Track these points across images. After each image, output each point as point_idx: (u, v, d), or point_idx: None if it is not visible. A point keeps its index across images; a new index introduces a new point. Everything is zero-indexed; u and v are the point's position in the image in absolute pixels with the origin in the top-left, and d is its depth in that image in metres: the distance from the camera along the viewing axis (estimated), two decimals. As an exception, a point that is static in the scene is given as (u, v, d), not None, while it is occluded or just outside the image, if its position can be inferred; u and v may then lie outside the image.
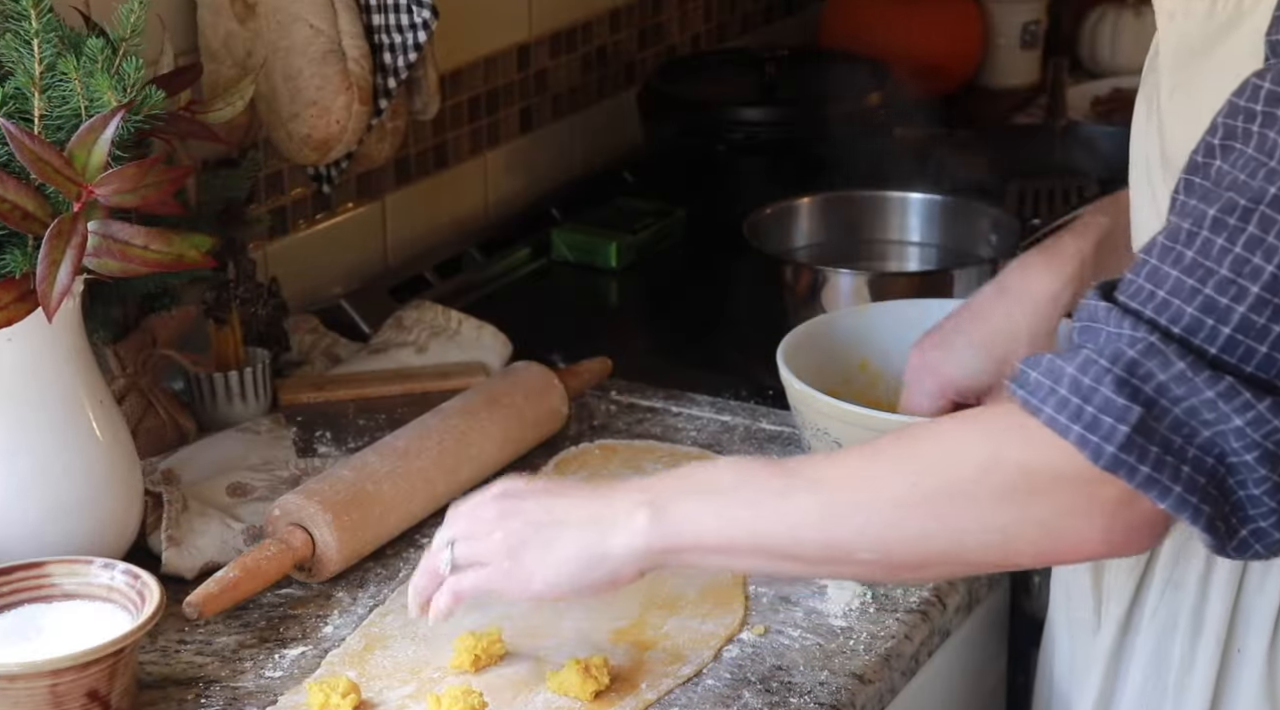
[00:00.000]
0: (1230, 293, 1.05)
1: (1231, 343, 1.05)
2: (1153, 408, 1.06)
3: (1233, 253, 1.04)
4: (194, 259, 1.35)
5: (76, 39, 1.38)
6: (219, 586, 1.39)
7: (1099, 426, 1.06)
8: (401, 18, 1.73)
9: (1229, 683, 1.31)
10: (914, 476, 1.15)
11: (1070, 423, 1.07)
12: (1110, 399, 1.06)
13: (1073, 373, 1.07)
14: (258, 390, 1.73)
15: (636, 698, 1.32)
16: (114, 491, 1.43)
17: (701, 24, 2.65)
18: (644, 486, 1.24)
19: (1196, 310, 1.06)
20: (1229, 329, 1.05)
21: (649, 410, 1.76)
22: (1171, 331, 1.06)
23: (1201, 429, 1.06)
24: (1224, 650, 1.30)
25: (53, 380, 1.39)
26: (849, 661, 1.37)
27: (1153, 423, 1.05)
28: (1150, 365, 1.06)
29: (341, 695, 1.29)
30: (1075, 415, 1.07)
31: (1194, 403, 1.05)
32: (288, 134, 1.75)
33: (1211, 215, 1.05)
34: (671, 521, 1.20)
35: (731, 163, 2.24)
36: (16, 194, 1.30)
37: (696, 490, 1.22)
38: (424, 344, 1.85)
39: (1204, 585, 1.30)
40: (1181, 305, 1.06)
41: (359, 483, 1.50)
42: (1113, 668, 1.37)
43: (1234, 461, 1.06)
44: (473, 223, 2.22)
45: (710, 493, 1.21)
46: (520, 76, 2.27)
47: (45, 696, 1.24)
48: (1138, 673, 1.35)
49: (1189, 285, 1.06)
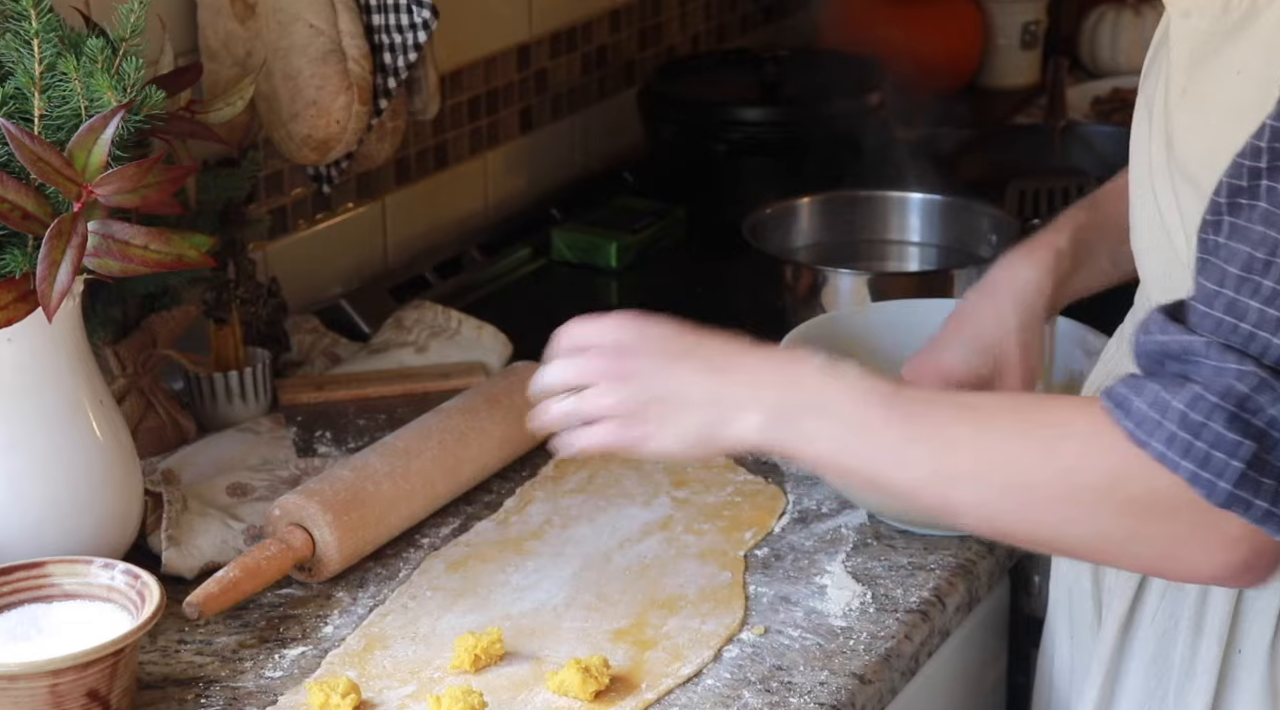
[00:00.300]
0: None
1: None
2: (1264, 440, 1.06)
3: None
4: (194, 259, 1.35)
5: (76, 39, 1.38)
6: (219, 586, 1.39)
7: (1210, 463, 1.06)
8: (401, 18, 1.73)
9: (1230, 684, 1.31)
10: (1039, 467, 1.14)
11: (1179, 458, 1.07)
12: (1221, 434, 1.06)
13: (1181, 407, 1.07)
14: (258, 390, 1.73)
15: (636, 698, 1.32)
16: (114, 491, 1.43)
17: (701, 24, 2.65)
18: (760, 380, 1.24)
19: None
20: None
21: (649, 410, 1.76)
22: (1262, 362, 1.06)
23: None
24: (1225, 651, 1.30)
25: (53, 380, 1.39)
26: (849, 661, 1.37)
27: (1265, 456, 1.06)
28: (1261, 400, 1.06)
29: (341, 695, 1.29)
30: (1184, 451, 1.07)
31: None
32: (288, 134, 1.75)
33: None
34: (786, 434, 1.22)
35: (731, 163, 2.24)
36: (16, 194, 1.30)
37: (813, 408, 1.21)
38: (424, 344, 1.86)
39: (1204, 586, 1.30)
40: (1269, 338, 1.06)
41: (359, 483, 1.50)
42: (1114, 669, 1.37)
43: None
44: (473, 223, 2.22)
45: (827, 415, 1.21)
46: (520, 76, 2.27)
47: (45, 696, 1.24)
48: (1138, 674, 1.35)
49: (1273, 316, 1.06)
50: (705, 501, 1.59)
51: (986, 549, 1.52)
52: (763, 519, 1.57)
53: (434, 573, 1.49)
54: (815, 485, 1.61)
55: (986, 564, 1.52)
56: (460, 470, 1.58)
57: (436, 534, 1.55)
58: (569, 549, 1.52)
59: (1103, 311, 1.56)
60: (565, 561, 1.50)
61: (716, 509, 1.58)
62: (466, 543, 1.54)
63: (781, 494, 1.61)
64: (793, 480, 1.63)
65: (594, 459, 1.67)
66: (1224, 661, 1.30)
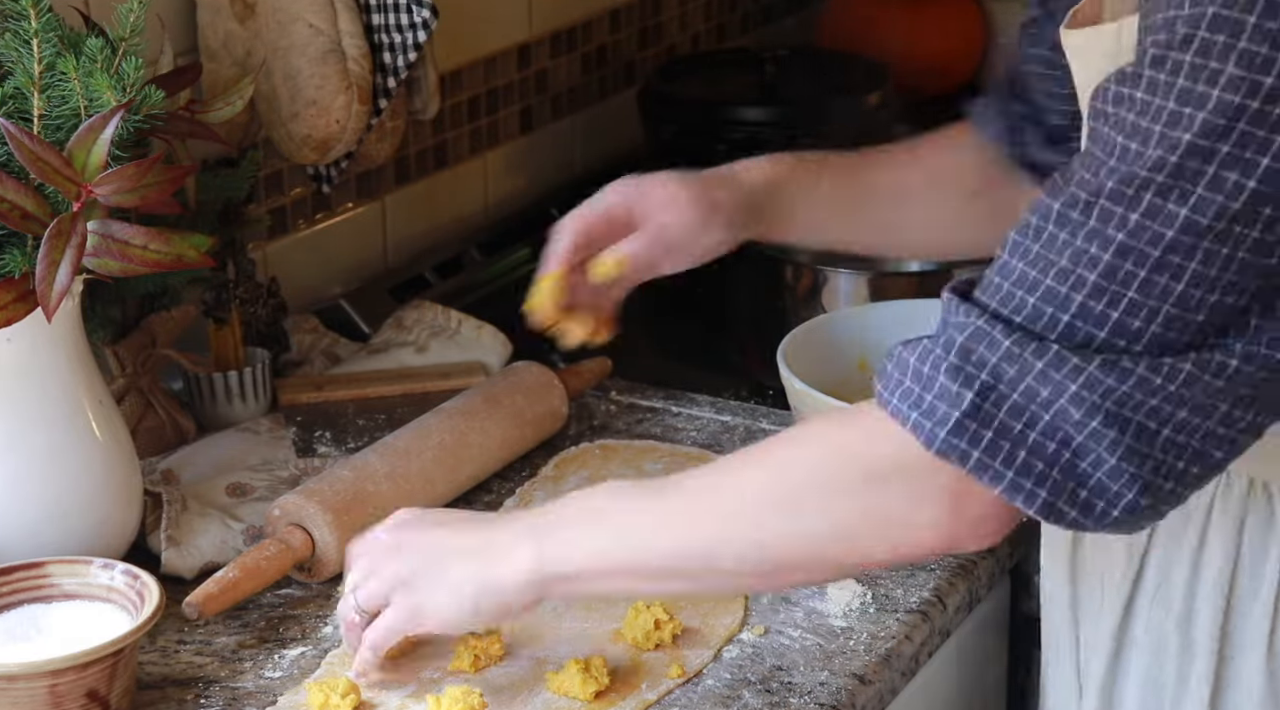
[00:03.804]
0: (1069, 282, 1.07)
1: (1070, 329, 1.07)
2: (989, 394, 1.08)
3: (1073, 245, 1.07)
4: (194, 259, 1.35)
5: (76, 39, 1.38)
6: (219, 586, 1.39)
7: (934, 413, 1.08)
8: (401, 17, 1.73)
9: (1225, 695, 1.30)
10: (765, 478, 1.18)
11: (910, 410, 1.10)
12: (945, 386, 1.08)
13: (914, 362, 1.10)
14: (257, 390, 1.73)
15: (636, 698, 1.32)
16: (113, 491, 1.43)
17: (701, 24, 2.65)
18: (526, 517, 1.26)
19: (1038, 300, 1.08)
20: (1067, 316, 1.07)
21: (649, 410, 1.76)
22: (1012, 320, 1.08)
23: (1042, 413, 1.07)
24: (1217, 662, 1.29)
25: (52, 380, 1.39)
26: (849, 661, 1.37)
27: (990, 408, 1.07)
28: (980, 349, 1.08)
29: (341, 695, 1.29)
30: (915, 404, 1.10)
31: (1029, 382, 1.07)
32: (288, 134, 1.75)
33: (1056, 209, 1.08)
34: (550, 552, 1.21)
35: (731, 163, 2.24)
36: (16, 194, 1.30)
37: (573, 518, 1.23)
38: (424, 344, 1.85)
39: (1190, 599, 1.29)
40: (1025, 295, 1.08)
41: (359, 483, 1.50)
42: (1107, 689, 1.36)
43: (1081, 440, 1.07)
44: (473, 223, 2.22)
45: (585, 520, 1.23)
46: (520, 76, 2.27)
47: (45, 696, 1.24)
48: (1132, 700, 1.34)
49: (1031, 276, 1.08)
50: (705, 501, 1.59)
51: (986, 549, 1.52)
52: (763, 519, 1.56)
53: (434, 573, 1.48)
54: (815, 485, 1.61)
55: (987, 564, 1.52)
56: (460, 470, 1.58)
57: (436, 534, 1.55)
58: (569, 549, 1.52)
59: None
60: (565, 561, 1.50)
61: (716, 509, 1.58)
62: (466, 543, 1.53)
63: (781, 494, 1.60)
64: (793, 480, 1.63)
65: (594, 459, 1.67)
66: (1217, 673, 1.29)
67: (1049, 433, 1.07)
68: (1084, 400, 1.06)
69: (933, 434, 1.08)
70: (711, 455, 1.66)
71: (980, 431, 1.07)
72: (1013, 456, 1.07)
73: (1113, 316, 1.06)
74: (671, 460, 1.66)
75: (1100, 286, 1.06)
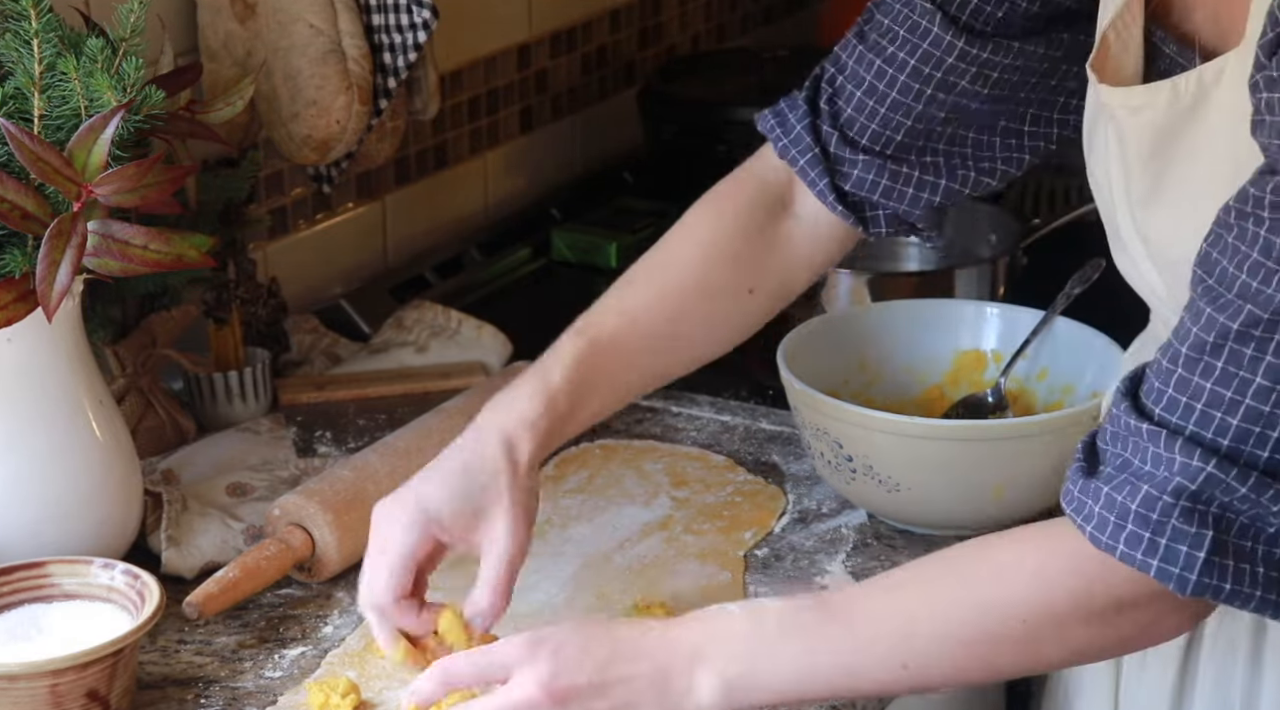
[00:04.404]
0: (1271, 399, 1.07)
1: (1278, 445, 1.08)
2: (1220, 525, 1.08)
3: (1264, 360, 1.06)
4: (194, 259, 1.35)
5: (76, 39, 1.38)
6: (219, 586, 1.39)
7: (1176, 558, 1.08)
8: (401, 18, 1.73)
9: None
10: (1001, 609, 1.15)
11: (1147, 558, 1.09)
12: (1181, 530, 1.08)
13: (1138, 509, 1.09)
14: (258, 390, 1.73)
15: (636, 698, 1.32)
16: (113, 491, 1.43)
17: (701, 24, 2.64)
18: (696, 647, 1.18)
19: (1241, 421, 1.07)
20: (1276, 433, 1.07)
21: (649, 410, 1.76)
22: (1219, 446, 1.08)
23: (1266, 527, 1.09)
24: None
25: (52, 380, 1.39)
26: (849, 661, 1.36)
27: (1223, 536, 1.08)
28: (1213, 492, 1.08)
29: (341, 695, 1.29)
30: (1150, 551, 1.09)
31: (1258, 513, 1.08)
32: (288, 134, 1.75)
33: (1235, 329, 1.07)
34: (740, 690, 1.17)
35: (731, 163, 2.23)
36: (16, 194, 1.30)
37: (752, 649, 1.18)
38: (424, 344, 1.85)
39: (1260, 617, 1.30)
40: (1225, 417, 1.08)
41: (359, 483, 1.50)
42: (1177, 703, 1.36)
43: None
44: (473, 223, 2.22)
45: (767, 649, 1.18)
46: (520, 76, 2.26)
47: (45, 696, 1.24)
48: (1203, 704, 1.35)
49: (1228, 397, 1.08)
50: (705, 501, 1.59)
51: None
52: (763, 519, 1.57)
53: (434, 573, 1.48)
54: (816, 485, 1.61)
55: (986, 564, 1.52)
56: (460, 470, 1.58)
57: (436, 534, 1.55)
58: (569, 549, 1.52)
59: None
60: (565, 561, 1.50)
61: (716, 509, 1.58)
62: (466, 543, 1.53)
63: (781, 494, 1.61)
64: (792, 480, 1.63)
65: (594, 459, 1.67)
66: None
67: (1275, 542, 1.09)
68: None
69: (1183, 579, 1.09)
70: (712, 456, 1.66)
71: (1224, 562, 1.08)
72: (1255, 576, 1.09)
73: None
74: (671, 460, 1.66)
75: None
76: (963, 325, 1.68)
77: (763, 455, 1.67)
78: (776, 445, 1.69)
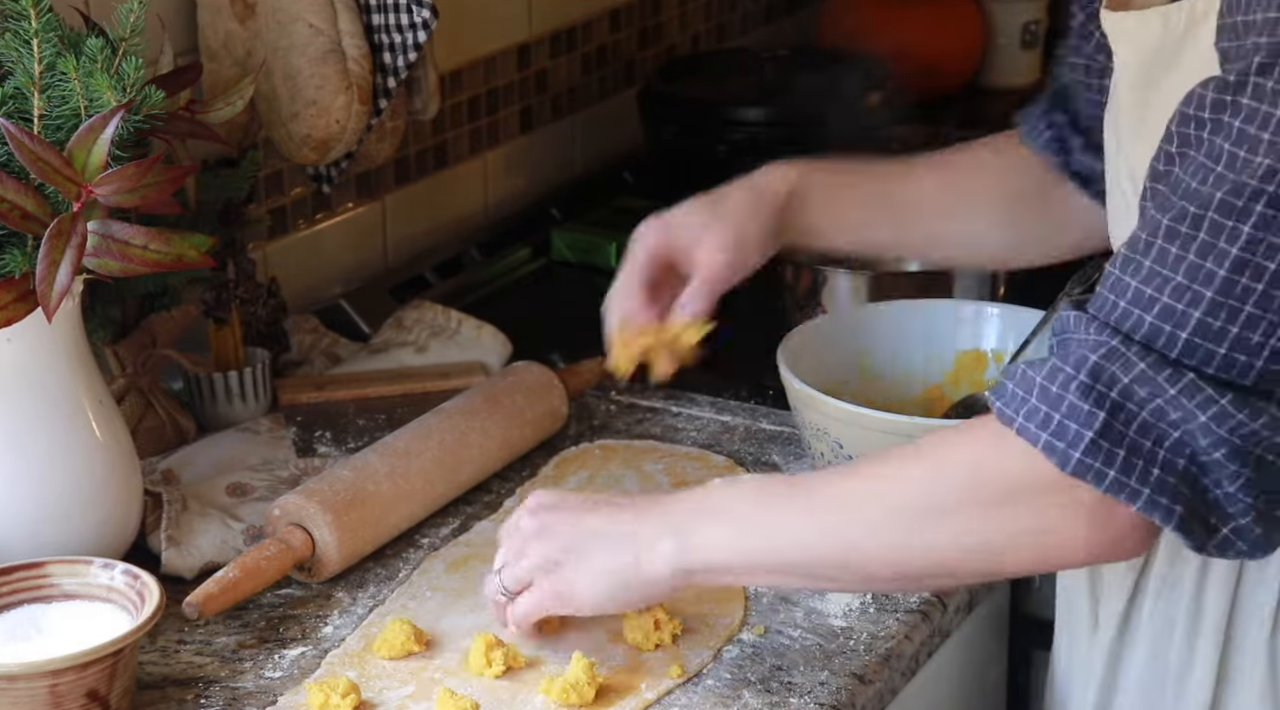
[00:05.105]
0: (1185, 298, 1.07)
1: (1190, 346, 1.08)
2: (1119, 412, 1.08)
3: (1187, 259, 1.07)
4: (194, 259, 1.35)
5: (76, 39, 1.38)
6: (219, 586, 1.39)
7: (1065, 433, 1.09)
8: (401, 17, 1.73)
9: (1230, 678, 1.31)
10: (909, 493, 1.19)
11: (1039, 430, 1.10)
12: (1075, 405, 1.09)
13: (1041, 381, 1.11)
14: (258, 390, 1.73)
15: (636, 698, 1.32)
16: (114, 491, 1.43)
17: (701, 24, 2.65)
18: (668, 506, 1.29)
19: (1155, 318, 1.08)
20: (1186, 333, 1.08)
21: (649, 410, 1.76)
22: (1132, 338, 1.09)
23: (1170, 430, 1.08)
24: (1223, 645, 1.30)
25: (52, 380, 1.39)
26: (849, 661, 1.37)
27: (1119, 427, 1.08)
28: (1113, 369, 1.08)
29: (341, 695, 1.29)
30: (1044, 423, 1.10)
31: (1159, 403, 1.08)
32: (288, 134, 1.75)
33: (1165, 224, 1.08)
34: (695, 545, 1.25)
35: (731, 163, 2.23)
36: (16, 194, 1.30)
37: (716, 514, 1.26)
38: (424, 344, 1.85)
39: (1200, 582, 1.30)
40: (1141, 314, 1.09)
41: (359, 483, 1.50)
42: (1112, 669, 1.37)
43: (1205, 460, 1.08)
44: (473, 223, 2.22)
45: (728, 516, 1.25)
46: (520, 76, 2.27)
47: (45, 696, 1.24)
48: (1137, 673, 1.35)
49: (1147, 294, 1.09)
50: (705, 501, 1.59)
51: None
52: (763, 519, 1.56)
53: (434, 573, 1.48)
54: (815, 485, 1.61)
55: (986, 564, 1.52)
56: (460, 470, 1.58)
57: (436, 534, 1.55)
58: (569, 549, 1.52)
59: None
60: (565, 561, 1.50)
61: (716, 509, 1.58)
62: (466, 543, 1.54)
63: (781, 494, 1.60)
64: (793, 480, 1.63)
65: (594, 459, 1.67)
66: (1222, 656, 1.30)
67: (1177, 450, 1.08)
68: (1212, 432, 1.07)
69: (1066, 455, 1.09)
70: (712, 456, 1.66)
71: (1114, 450, 1.08)
72: (1147, 473, 1.08)
73: (1231, 332, 1.07)
74: (671, 460, 1.66)
75: (1217, 302, 1.06)
76: (963, 325, 1.69)
77: (763, 455, 1.67)
78: (776, 445, 1.69)
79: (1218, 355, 1.07)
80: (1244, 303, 1.06)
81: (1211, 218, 1.06)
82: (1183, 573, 1.31)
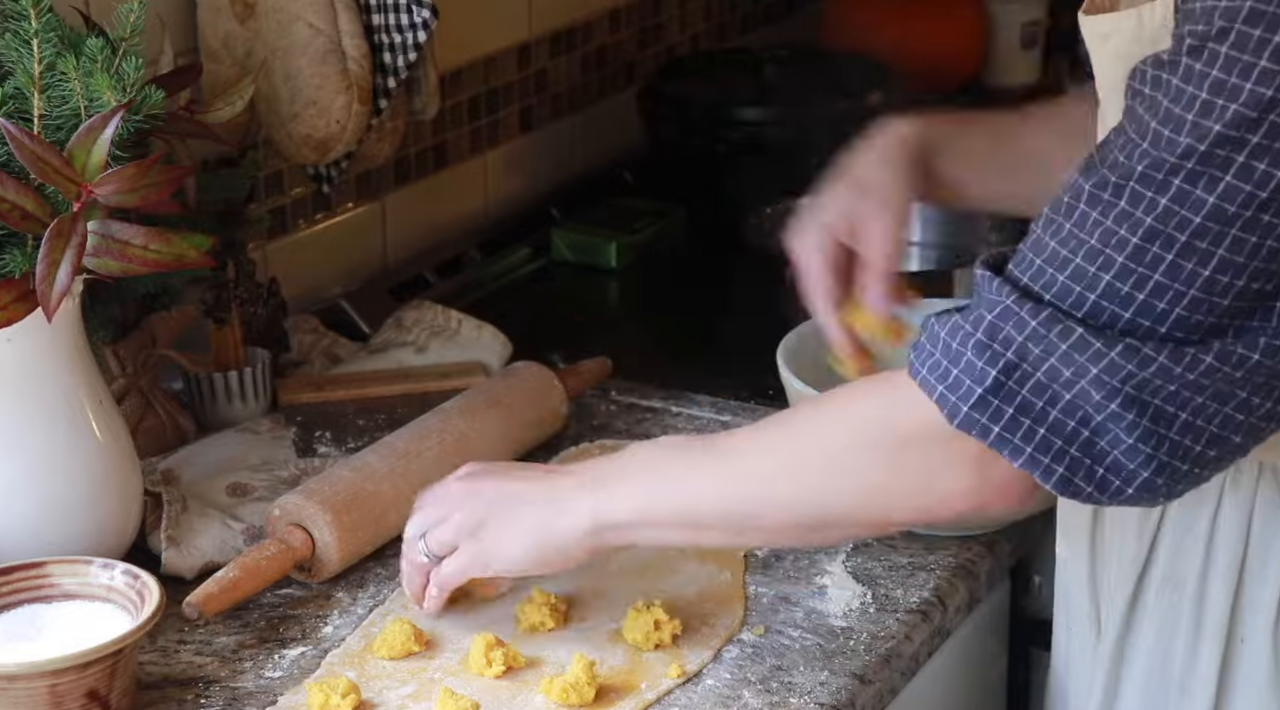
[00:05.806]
0: (1098, 262, 1.10)
1: (1097, 308, 1.10)
2: (1013, 371, 1.11)
3: (1104, 225, 1.09)
4: (194, 259, 1.35)
5: (76, 39, 1.38)
6: (219, 586, 1.39)
7: (958, 387, 1.13)
8: (401, 17, 1.73)
9: (1233, 675, 1.31)
10: (807, 440, 1.24)
11: (937, 383, 1.14)
12: (971, 361, 1.12)
13: (945, 336, 1.14)
14: (258, 390, 1.73)
15: (636, 698, 1.32)
16: (113, 491, 1.43)
17: (701, 24, 2.65)
18: (590, 468, 1.33)
19: (1067, 277, 1.11)
20: (1095, 295, 1.10)
21: (649, 410, 1.76)
22: (1041, 298, 1.11)
23: (1063, 391, 1.11)
24: (1227, 642, 1.30)
25: (52, 380, 1.39)
26: (849, 661, 1.37)
27: (1012, 384, 1.11)
28: (1007, 327, 1.11)
29: (341, 695, 1.29)
30: (942, 376, 1.14)
31: (1053, 362, 1.10)
32: (288, 134, 1.75)
33: (1088, 190, 1.11)
34: (608, 502, 1.29)
35: (731, 163, 2.24)
36: (16, 194, 1.30)
37: (630, 471, 1.31)
38: (424, 344, 1.85)
39: (1203, 580, 1.30)
40: (1055, 272, 1.11)
41: (359, 483, 1.50)
42: (1115, 668, 1.37)
43: (1100, 418, 1.10)
44: (473, 223, 2.22)
45: (640, 473, 1.30)
46: (520, 76, 2.27)
47: (45, 696, 1.24)
48: (1140, 673, 1.35)
49: (1062, 254, 1.11)
50: (705, 501, 1.59)
51: (986, 549, 1.52)
52: (763, 519, 1.56)
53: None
54: (815, 485, 1.61)
55: (987, 564, 1.52)
56: (460, 470, 1.58)
57: (436, 534, 1.55)
58: (569, 549, 1.52)
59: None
60: (565, 561, 1.50)
61: (716, 509, 1.58)
62: (466, 543, 1.53)
63: (781, 494, 1.60)
64: (793, 480, 1.63)
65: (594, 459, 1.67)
66: (1226, 653, 1.31)
67: (1069, 411, 1.10)
68: (1104, 383, 1.09)
69: (956, 408, 1.13)
70: (711, 455, 1.66)
71: (1001, 407, 1.12)
72: (1032, 433, 1.11)
73: (1138, 298, 1.09)
74: (671, 460, 1.66)
75: (1127, 268, 1.09)
76: (963, 325, 1.68)
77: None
78: (776, 445, 1.69)
79: (1122, 319, 1.09)
80: (1153, 271, 1.08)
81: (1132, 187, 1.08)
82: (1185, 571, 1.31)
